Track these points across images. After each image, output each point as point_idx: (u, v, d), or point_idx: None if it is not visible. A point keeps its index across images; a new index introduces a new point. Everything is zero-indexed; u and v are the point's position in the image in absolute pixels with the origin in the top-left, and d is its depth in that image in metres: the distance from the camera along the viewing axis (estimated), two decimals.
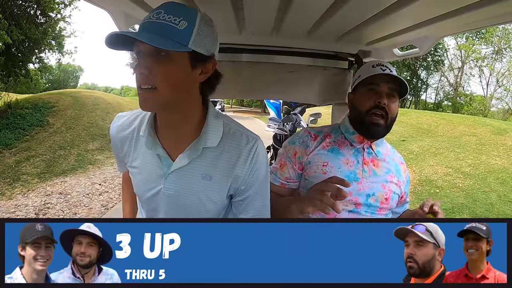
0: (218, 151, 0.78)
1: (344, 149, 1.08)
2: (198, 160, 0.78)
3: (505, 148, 5.43)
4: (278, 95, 2.67)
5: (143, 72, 0.67)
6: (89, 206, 3.77)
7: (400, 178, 1.12)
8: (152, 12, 0.67)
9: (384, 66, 1.03)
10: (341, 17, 1.05)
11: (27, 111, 7.24)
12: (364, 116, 1.03)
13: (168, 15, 0.66)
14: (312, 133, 1.12)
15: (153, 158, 0.80)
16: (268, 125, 5.76)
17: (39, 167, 5.01)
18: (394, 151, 1.17)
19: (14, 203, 3.69)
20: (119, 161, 0.92)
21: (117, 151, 0.89)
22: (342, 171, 1.05)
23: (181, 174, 0.78)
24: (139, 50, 0.68)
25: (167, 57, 0.67)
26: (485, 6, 0.78)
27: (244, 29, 1.31)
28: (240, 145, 0.79)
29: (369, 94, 1.03)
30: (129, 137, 0.84)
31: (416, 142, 6.71)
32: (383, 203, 1.06)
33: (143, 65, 0.67)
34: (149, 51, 0.66)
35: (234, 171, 0.78)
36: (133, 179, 0.87)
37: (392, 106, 1.01)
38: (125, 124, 0.85)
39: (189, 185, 0.79)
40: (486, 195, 4.01)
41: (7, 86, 8.43)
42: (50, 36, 8.65)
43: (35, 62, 9.20)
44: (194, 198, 0.80)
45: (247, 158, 0.78)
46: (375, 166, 1.07)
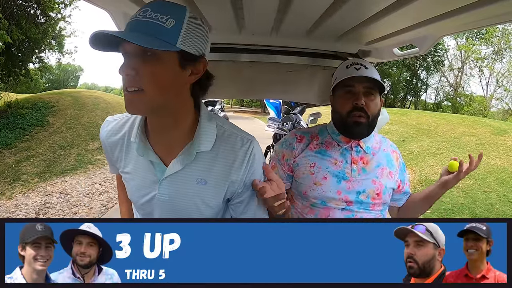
0: (212, 155, 0.75)
1: (332, 150, 1.10)
2: (192, 165, 0.75)
3: (505, 149, 5.43)
4: (278, 95, 2.67)
5: (129, 73, 0.64)
6: (89, 206, 3.77)
7: (393, 168, 1.12)
8: (139, 11, 0.65)
9: (358, 65, 1.04)
10: (340, 17, 1.05)
11: (27, 110, 7.24)
12: (345, 118, 1.04)
13: (155, 13, 0.63)
14: (298, 135, 1.15)
15: (146, 164, 0.77)
16: (268, 125, 5.76)
17: (39, 166, 5.02)
18: (384, 140, 1.18)
19: (14, 202, 3.69)
20: (111, 164, 0.90)
21: (109, 156, 0.86)
22: (330, 171, 1.06)
23: (175, 180, 0.76)
24: (125, 50, 0.65)
25: (154, 57, 0.64)
26: (485, 5, 0.78)
27: (244, 29, 1.31)
28: (235, 148, 0.76)
29: (347, 96, 1.04)
30: (119, 142, 0.81)
31: (416, 143, 6.71)
32: (375, 199, 1.07)
33: (129, 66, 0.64)
34: (135, 51, 0.64)
35: (230, 175, 0.76)
36: (126, 184, 0.85)
37: (371, 104, 1.03)
38: (115, 129, 0.82)
39: (184, 190, 0.76)
40: (486, 195, 4.01)
41: (7, 86, 8.43)
42: (50, 36, 8.65)
43: (35, 62, 9.20)
44: (189, 203, 0.78)
45: (243, 161, 0.76)
46: (364, 163, 1.09)
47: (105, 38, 0.62)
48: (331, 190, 1.04)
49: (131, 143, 0.79)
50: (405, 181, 1.17)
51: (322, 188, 1.05)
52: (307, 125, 5.28)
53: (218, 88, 2.08)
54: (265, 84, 1.91)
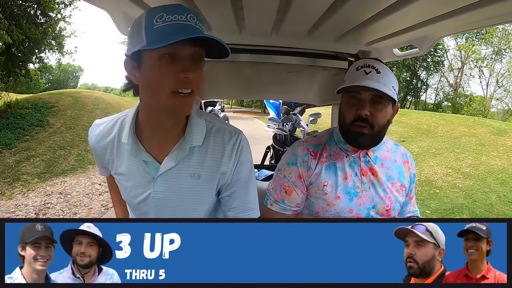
0: (203, 149, 0.78)
1: (341, 161, 1.02)
2: (185, 160, 0.77)
3: (505, 149, 5.43)
4: (278, 95, 2.67)
5: (188, 76, 0.66)
6: (89, 206, 3.77)
7: (404, 181, 1.06)
8: (188, 15, 0.67)
9: (369, 68, 0.92)
10: (340, 17, 1.05)
11: (27, 111, 7.23)
12: (348, 126, 0.96)
13: (197, 20, 0.68)
14: (311, 150, 1.04)
15: (139, 164, 0.79)
16: (268, 125, 5.76)
17: (39, 167, 5.01)
18: (396, 149, 1.09)
19: (14, 203, 3.69)
20: (102, 166, 0.90)
21: (99, 159, 0.87)
22: (342, 188, 1.00)
23: (169, 176, 0.78)
24: (182, 53, 0.66)
25: (202, 61, 0.70)
26: (485, 6, 0.78)
27: (244, 29, 1.31)
28: (224, 141, 0.79)
29: (352, 102, 0.95)
30: (109, 145, 0.82)
31: (416, 143, 6.71)
32: (384, 215, 1.03)
33: (190, 70, 0.67)
34: (197, 55, 0.68)
35: (221, 167, 0.79)
36: (120, 185, 0.85)
37: (378, 115, 0.92)
38: (103, 132, 0.83)
39: (178, 186, 0.79)
40: (486, 196, 4.01)
41: (7, 86, 8.43)
42: (50, 36, 8.64)
43: (35, 62, 9.20)
44: (184, 198, 0.80)
45: (231, 153, 0.79)
46: (373, 175, 1.01)
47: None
48: (344, 210, 1.00)
49: (122, 145, 0.79)
50: (412, 191, 1.12)
51: (335, 208, 1.00)
52: (307, 125, 5.27)
53: (218, 88, 2.08)
54: (265, 85, 1.91)
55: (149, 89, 0.70)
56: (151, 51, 0.65)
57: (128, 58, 0.71)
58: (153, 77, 0.67)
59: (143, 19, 0.67)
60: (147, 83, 0.70)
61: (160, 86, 0.67)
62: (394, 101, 0.96)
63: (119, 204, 1.05)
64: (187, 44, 0.65)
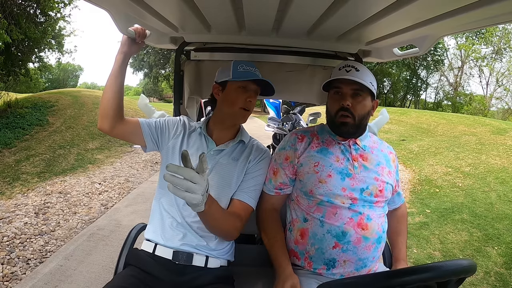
0: (246, 146, 1.23)
1: (333, 147, 1.14)
2: (232, 148, 1.20)
3: (504, 148, 5.43)
4: (278, 94, 2.66)
5: (251, 100, 1.16)
6: (89, 205, 3.77)
7: (391, 168, 1.17)
8: (255, 68, 1.21)
9: (349, 67, 1.09)
10: (340, 17, 1.05)
11: (26, 110, 7.23)
12: (333, 117, 1.12)
13: (258, 71, 1.23)
14: (298, 134, 1.20)
15: (200, 144, 1.19)
16: (268, 125, 5.76)
17: (38, 166, 5.01)
18: (381, 142, 1.23)
19: (14, 202, 3.69)
20: (152, 140, 1.20)
21: (168, 128, 1.21)
22: (334, 168, 1.09)
23: (219, 155, 1.18)
24: (250, 87, 1.17)
25: (258, 94, 1.22)
26: (484, 6, 0.78)
27: (244, 28, 1.31)
28: (258, 148, 1.24)
29: (335, 96, 1.12)
30: (184, 130, 1.24)
31: (416, 142, 6.71)
32: (378, 196, 1.09)
33: (252, 97, 1.17)
34: (255, 90, 1.19)
35: (249, 157, 1.20)
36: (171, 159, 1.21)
37: (358, 106, 1.08)
38: (191, 125, 1.27)
39: (222, 161, 1.17)
40: (486, 195, 4.01)
41: (6, 86, 8.40)
42: (49, 35, 8.63)
43: (35, 61, 9.18)
44: (222, 176, 1.14)
45: (259, 154, 1.22)
46: (364, 160, 1.12)
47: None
48: (336, 186, 1.06)
49: (193, 132, 1.24)
50: (398, 182, 1.23)
51: (327, 185, 1.07)
52: (307, 125, 5.28)
53: None
54: None
55: (228, 104, 1.16)
56: (233, 82, 1.14)
57: (217, 83, 1.20)
58: (232, 97, 1.14)
59: (232, 64, 1.16)
60: (227, 100, 1.16)
61: (235, 103, 1.14)
62: (374, 95, 1.12)
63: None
64: (253, 82, 1.16)
